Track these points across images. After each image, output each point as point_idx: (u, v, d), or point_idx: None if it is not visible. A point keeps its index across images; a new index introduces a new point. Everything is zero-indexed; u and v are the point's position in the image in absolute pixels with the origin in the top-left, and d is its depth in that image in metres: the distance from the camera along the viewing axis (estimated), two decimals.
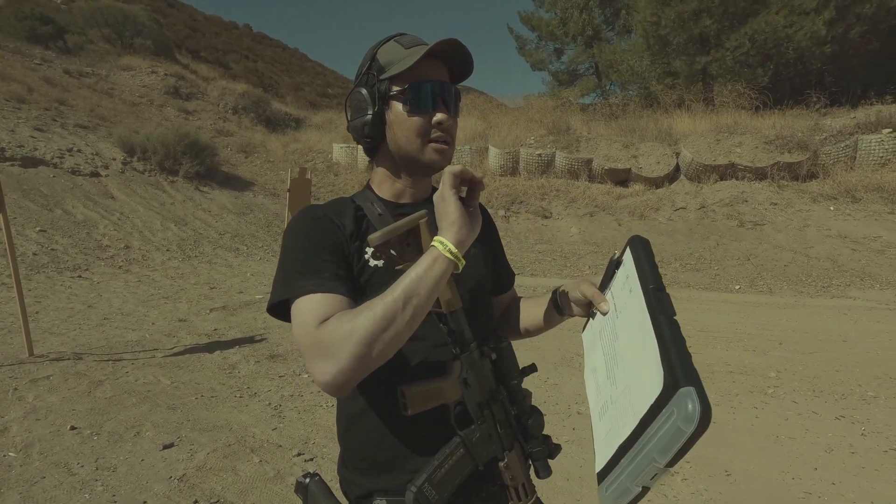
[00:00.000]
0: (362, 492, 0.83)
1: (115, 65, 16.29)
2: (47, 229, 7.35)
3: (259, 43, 44.74)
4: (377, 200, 0.86)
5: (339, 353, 0.64)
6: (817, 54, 12.00)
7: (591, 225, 10.27)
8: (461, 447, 0.75)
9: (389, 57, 0.82)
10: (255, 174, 13.01)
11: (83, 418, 2.83)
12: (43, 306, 5.19)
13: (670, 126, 12.04)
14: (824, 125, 10.93)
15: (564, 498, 2.26)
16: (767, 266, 8.18)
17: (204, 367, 3.83)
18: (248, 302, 5.94)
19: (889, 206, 9.21)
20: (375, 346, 0.64)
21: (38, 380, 3.31)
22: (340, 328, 0.65)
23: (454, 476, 0.74)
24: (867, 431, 2.95)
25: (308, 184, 7.37)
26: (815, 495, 2.32)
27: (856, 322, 5.47)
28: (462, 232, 0.69)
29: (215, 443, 2.65)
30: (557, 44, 18.94)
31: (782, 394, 3.54)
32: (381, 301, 0.65)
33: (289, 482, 2.32)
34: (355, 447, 0.85)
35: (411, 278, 0.66)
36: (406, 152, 0.83)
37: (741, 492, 2.35)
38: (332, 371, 0.65)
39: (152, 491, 2.20)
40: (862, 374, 3.89)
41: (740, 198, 10.15)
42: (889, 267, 7.80)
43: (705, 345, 4.67)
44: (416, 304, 0.65)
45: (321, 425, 2.95)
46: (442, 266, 0.67)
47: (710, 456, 2.67)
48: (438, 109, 0.81)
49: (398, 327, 0.65)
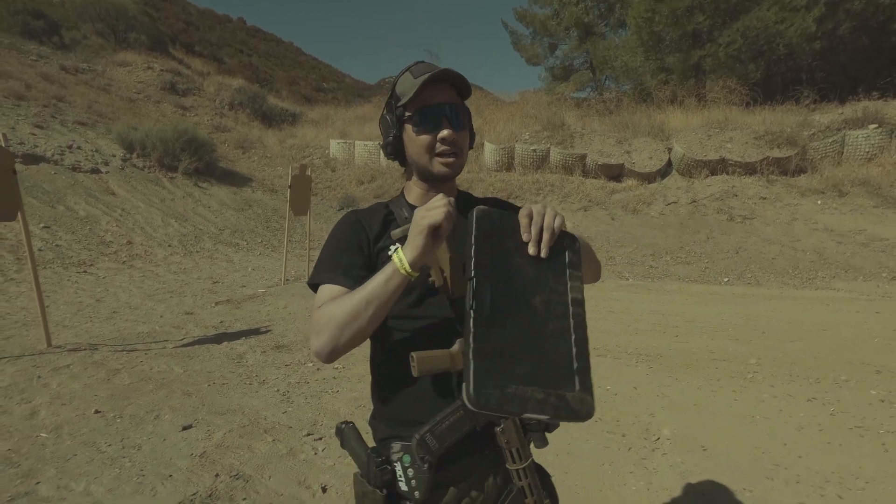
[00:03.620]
0: (384, 435, 1.01)
1: (110, 60, 16.29)
2: (51, 225, 7.48)
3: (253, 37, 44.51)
4: (406, 205, 1.04)
5: (322, 333, 0.87)
6: (807, 50, 12.22)
7: (584, 219, 10.48)
8: (460, 409, 0.89)
9: (403, 88, 0.98)
10: (253, 170, 13.13)
11: (105, 403, 3.02)
12: (52, 300, 5.35)
13: (663, 122, 12.23)
14: (813, 121, 11.15)
15: (553, 469, 2.46)
16: (755, 259, 8.42)
17: (213, 356, 4.02)
18: (252, 295, 6.12)
19: (874, 200, 9.46)
20: (344, 334, 0.86)
21: (60, 368, 3.49)
22: (325, 315, 0.88)
23: (453, 432, 0.89)
24: (836, 411, 3.18)
25: (308, 180, 7.54)
26: (782, 467, 2.54)
27: (837, 312, 5.70)
28: (418, 255, 0.82)
29: (231, 424, 2.84)
30: (552, 38, 19.07)
31: (761, 378, 3.76)
32: (353, 299, 0.86)
33: (301, 458, 2.52)
34: (380, 403, 1.04)
35: (373, 286, 0.85)
36: (420, 166, 1.00)
37: (715, 464, 2.57)
38: (317, 345, 0.88)
39: (176, 466, 2.40)
40: (837, 359, 4.12)
41: (730, 192, 10.38)
42: (873, 259, 8.05)
43: (691, 334, 4.89)
44: (376, 305, 0.85)
45: (327, 409, 3.15)
46: (397, 280, 0.84)
47: (689, 434, 2.89)
48: (443, 127, 0.96)
49: (361, 323, 0.85)
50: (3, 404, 2.97)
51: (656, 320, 5.40)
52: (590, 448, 2.73)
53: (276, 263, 7.78)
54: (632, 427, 3.00)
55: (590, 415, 0.81)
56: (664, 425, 3.01)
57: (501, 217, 0.86)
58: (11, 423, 2.75)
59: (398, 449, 0.94)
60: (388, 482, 0.93)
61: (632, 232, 9.88)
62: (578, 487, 2.38)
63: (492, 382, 0.76)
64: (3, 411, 2.89)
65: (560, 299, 0.88)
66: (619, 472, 2.51)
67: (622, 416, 3.14)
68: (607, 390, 3.55)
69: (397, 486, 0.93)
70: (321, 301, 0.93)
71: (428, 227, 0.82)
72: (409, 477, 0.91)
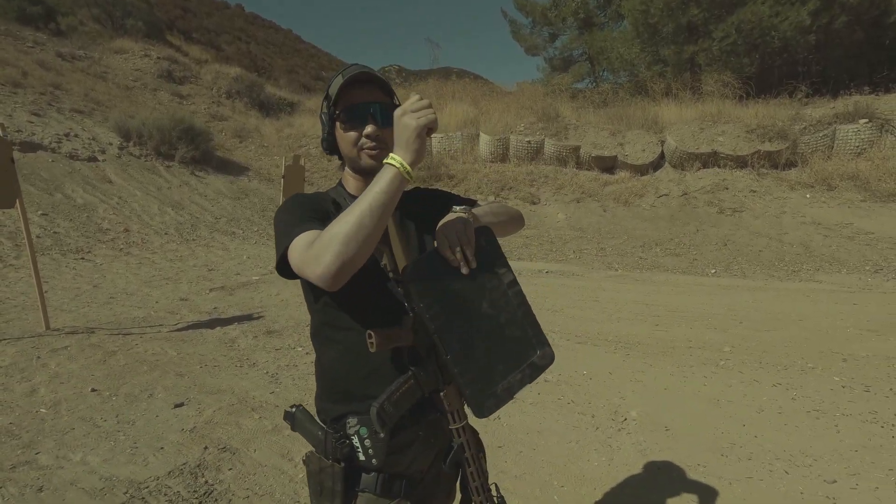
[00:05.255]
0: (336, 415, 1.07)
1: (107, 47, 16.25)
2: (49, 213, 7.60)
3: (251, 24, 44.14)
4: (348, 196, 1.10)
5: (325, 254, 0.84)
6: (802, 44, 12.25)
7: (577, 211, 10.61)
8: (412, 378, 0.98)
9: (333, 88, 1.06)
10: (250, 159, 13.20)
11: (101, 382, 3.18)
12: (51, 286, 5.49)
13: (657, 114, 12.30)
14: (804, 115, 11.24)
15: (522, 446, 2.64)
16: (743, 251, 8.57)
17: (206, 341, 4.17)
18: (246, 283, 6.26)
19: (862, 195, 9.58)
20: (350, 246, 0.83)
21: (58, 350, 3.65)
22: (325, 236, 0.86)
23: (406, 400, 0.97)
24: (797, 396, 3.34)
25: (301, 170, 7.64)
26: (737, 445, 2.71)
27: (815, 303, 5.85)
28: (417, 156, 0.86)
29: (220, 403, 3.00)
30: (551, 28, 19.05)
31: (731, 365, 3.92)
32: (353, 212, 0.85)
33: (285, 434, 2.68)
34: (330, 383, 1.09)
35: (374, 194, 0.85)
36: (349, 159, 1.08)
37: (675, 443, 2.74)
38: (322, 267, 0.84)
39: (168, 440, 2.56)
40: (808, 348, 4.28)
41: (721, 185, 10.50)
42: (857, 253, 8.20)
43: (671, 323, 5.04)
44: (381, 211, 0.84)
45: (313, 390, 3.27)
46: (398, 183, 0.85)
47: (654, 416, 3.06)
48: (366, 123, 1.03)
49: (368, 230, 0.84)
50: (5, 382, 3.13)
51: (639, 310, 5.55)
52: (559, 427, 2.90)
53: (271, 252, 7.92)
54: (602, 409, 3.16)
55: (553, 359, 1.08)
56: (633, 407, 3.18)
57: (427, 262, 0.96)
58: (13, 400, 2.91)
59: (354, 423, 1.03)
60: (347, 455, 1.02)
61: (623, 224, 10.01)
62: (544, 462, 2.54)
63: (485, 395, 0.97)
64: (4, 388, 3.05)
65: (499, 291, 1.05)
66: (584, 449, 2.68)
67: (594, 398, 3.30)
68: (583, 374, 3.70)
69: (356, 457, 1.02)
70: (305, 243, 0.90)
71: (424, 128, 0.84)
72: (366, 447, 1.01)
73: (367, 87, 1.05)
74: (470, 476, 1.06)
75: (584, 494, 2.30)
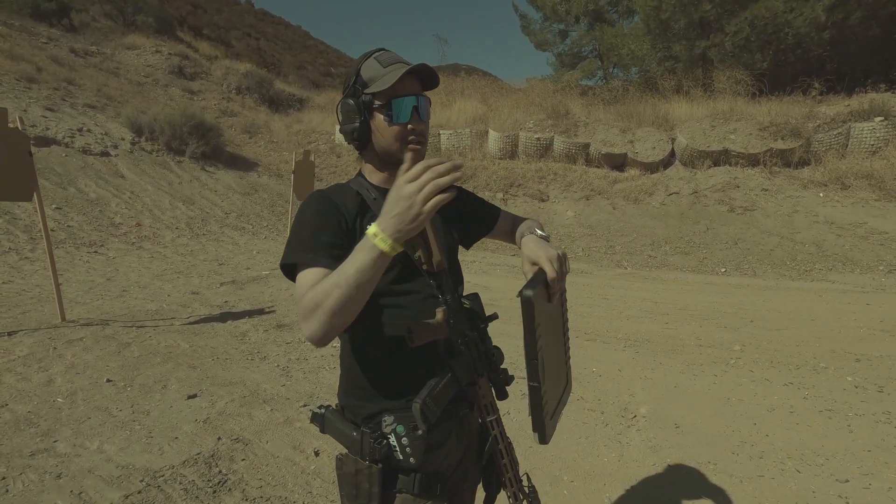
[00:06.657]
0: (368, 413, 1.02)
1: (119, 43, 16.42)
2: (62, 206, 7.70)
3: (261, 20, 44.32)
4: (371, 187, 1.06)
5: (312, 320, 0.85)
6: (816, 40, 12.07)
7: (586, 208, 10.56)
8: (449, 372, 0.98)
9: (370, 74, 1.00)
10: (260, 155, 13.28)
11: (116, 373, 3.23)
12: (65, 279, 5.57)
13: (667, 111, 12.19)
14: (818, 113, 11.08)
15: (532, 441, 2.63)
16: (754, 250, 8.49)
17: (218, 334, 4.22)
18: (256, 277, 6.31)
19: (877, 194, 9.44)
20: (334, 320, 0.84)
21: (73, 341, 3.71)
22: (312, 301, 0.85)
23: (445, 394, 0.96)
24: (810, 395, 3.31)
25: (311, 166, 7.68)
26: (748, 444, 2.69)
27: (828, 303, 5.79)
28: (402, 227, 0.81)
29: (232, 395, 3.04)
30: (561, 24, 18.93)
31: (742, 364, 3.90)
32: (341, 285, 0.82)
33: (297, 426, 2.71)
34: (362, 380, 1.04)
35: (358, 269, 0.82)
36: (389, 153, 1.02)
37: (685, 440, 2.73)
38: (309, 333, 0.86)
39: (182, 430, 2.59)
40: (820, 348, 4.24)
41: (732, 183, 10.39)
42: (871, 252, 8.09)
43: (681, 321, 5.02)
44: (365, 289, 0.84)
45: (324, 383, 3.34)
46: (384, 261, 0.82)
47: (664, 413, 3.05)
48: (413, 118, 0.99)
49: (351, 308, 0.84)
50: (23, 372, 3.19)
51: (649, 307, 5.53)
52: (569, 423, 2.90)
53: (280, 247, 7.96)
54: (611, 406, 3.16)
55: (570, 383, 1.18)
56: (642, 405, 3.17)
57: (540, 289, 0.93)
58: (31, 389, 2.97)
59: (391, 421, 0.98)
60: (385, 455, 0.98)
61: (632, 222, 9.96)
62: (554, 458, 2.54)
63: (552, 424, 1.01)
64: (22, 378, 3.11)
65: (563, 322, 1.11)
66: (594, 445, 2.68)
67: (604, 395, 3.30)
68: (592, 372, 3.70)
69: (393, 457, 0.98)
70: (305, 285, 0.89)
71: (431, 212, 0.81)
72: (403, 445, 0.97)
73: (408, 77, 1.00)
74: (504, 467, 1.08)
75: (594, 490, 2.30)
